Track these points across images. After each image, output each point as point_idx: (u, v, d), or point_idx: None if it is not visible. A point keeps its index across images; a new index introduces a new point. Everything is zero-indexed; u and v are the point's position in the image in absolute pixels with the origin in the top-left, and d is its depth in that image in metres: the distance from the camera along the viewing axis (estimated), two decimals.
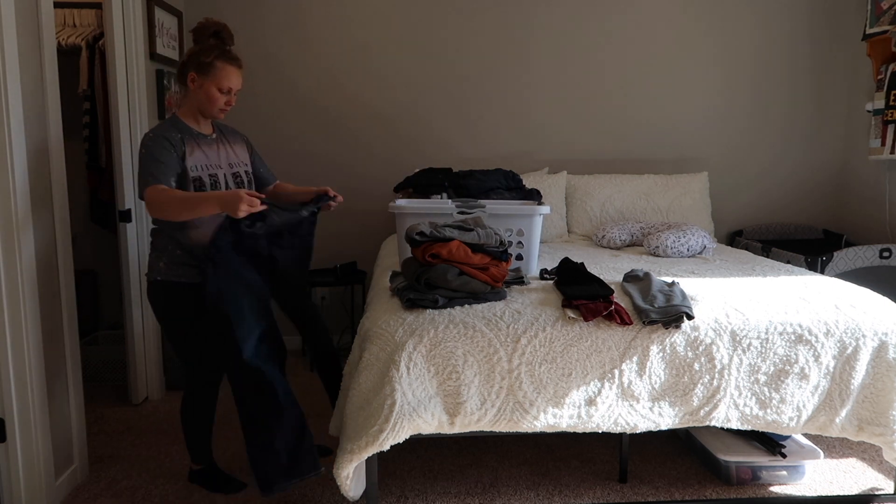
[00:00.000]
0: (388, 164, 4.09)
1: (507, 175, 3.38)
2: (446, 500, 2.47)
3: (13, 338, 2.23)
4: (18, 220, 2.22)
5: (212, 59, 2.25)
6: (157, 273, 2.29)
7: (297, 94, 4.00)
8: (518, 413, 2.10)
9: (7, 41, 2.15)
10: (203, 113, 2.33)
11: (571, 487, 2.55)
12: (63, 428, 2.52)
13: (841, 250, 3.40)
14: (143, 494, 2.49)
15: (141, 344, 3.34)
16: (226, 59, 2.27)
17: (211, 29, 2.29)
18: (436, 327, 2.08)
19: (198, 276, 2.27)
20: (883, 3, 3.57)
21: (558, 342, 2.10)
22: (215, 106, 2.29)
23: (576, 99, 4.11)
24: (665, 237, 3.21)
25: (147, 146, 2.20)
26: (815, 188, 4.28)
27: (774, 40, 4.12)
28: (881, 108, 3.58)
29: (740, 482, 2.57)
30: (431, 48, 4.02)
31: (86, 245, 4.10)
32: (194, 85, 2.28)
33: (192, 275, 2.28)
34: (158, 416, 3.20)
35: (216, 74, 2.26)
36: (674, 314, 2.12)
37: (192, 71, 2.27)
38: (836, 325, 2.19)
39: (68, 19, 3.78)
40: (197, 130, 2.34)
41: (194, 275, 2.28)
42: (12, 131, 2.18)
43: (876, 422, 2.21)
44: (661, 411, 2.16)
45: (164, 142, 2.21)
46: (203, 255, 2.23)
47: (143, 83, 3.29)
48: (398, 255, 2.66)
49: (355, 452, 2.03)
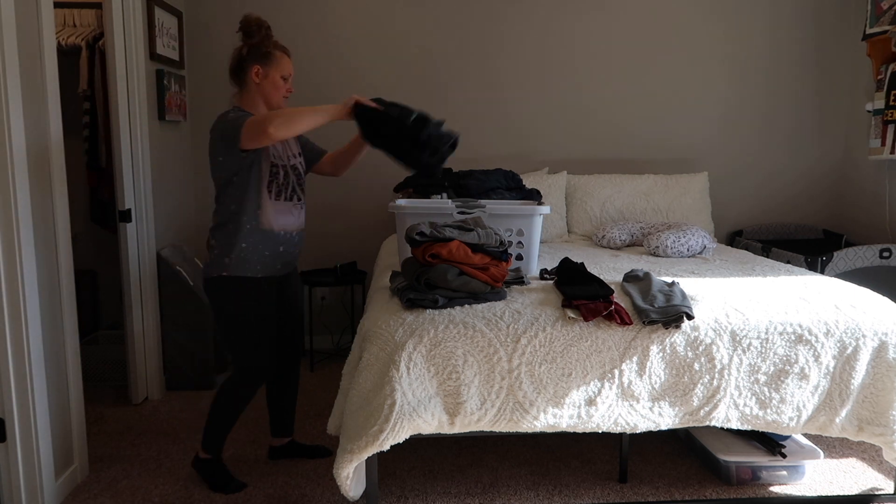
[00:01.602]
0: (387, 164, 4.07)
1: (507, 175, 3.38)
2: (446, 500, 2.47)
3: (13, 338, 2.23)
4: (18, 220, 2.22)
5: (272, 49, 2.36)
6: (223, 268, 2.34)
7: (296, 94, 4.00)
8: (518, 413, 2.10)
9: (7, 41, 2.15)
10: (269, 103, 2.41)
11: (571, 487, 2.55)
12: (63, 428, 2.52)
13: (841, 250, 3.40)
14: (143, 494, 2.49)
15: (141, 344, 3.34)
16: (281, 49, 2.39)
17: (259, 22, 2.37)
18: (436, 327, 2.08)
19: (261, 270, 2.37)
20: (883, 3, 3.57)
21: (558, 342, 2.10)
22: (279, 93, 2.40)
23: (576, 99, 4.11)
24: (665, 237, 3.21)
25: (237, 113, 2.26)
26: (815, 188, 4.28)
27: (774, 40, 4.12)
28: (881, 108, 3.58)
29: (740, 482, 2.57)
30: (431, 48, 4.01)
31: (86, 245, 4.10)
32: (259, 77, 2.36)
33: (257, 269, 2.37)
34: (158, 416, 3.20)
35: (278, 63, 2.37)
36: (674, 314, 2.12)
37: (256, 64, 2.35)
38: (836, 325, 2.19)
39: (68, 19, 3.78)
40: None
41: (258, 269, 2.37)
42: (12, 131, 2.18)
43: (876, 422, 2.21)
44: (661, 411, 2.16)
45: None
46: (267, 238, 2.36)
47: (143, 83, 3.29)
48: (398, 255, 2.66)
49: (355, 452, 2.03)
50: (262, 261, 2.38)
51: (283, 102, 2.43)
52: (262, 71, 2.36)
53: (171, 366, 3.52)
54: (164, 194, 3.60)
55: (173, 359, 3.51)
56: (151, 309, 3.38)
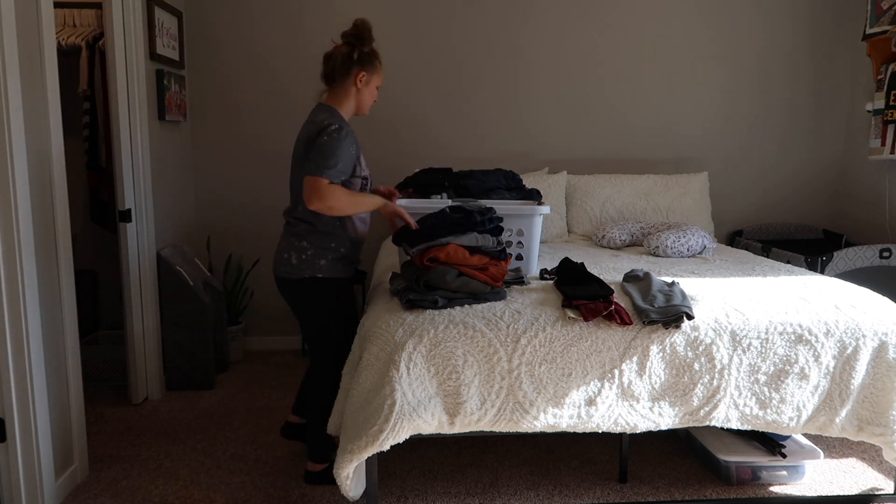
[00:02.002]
0: (387, 164, 4.09)
1: (507, 175, 3.37)
2: (446, 500, 2.47)
3: (13, 338, 2.23)
4: (18, 220, 2.22)
5: (375, 59, 2.44)
6: (318, 270, 2.38)
7: (296, 95, 4.00)
8: (518, 413, 2.10)
9: (7, 41, 2.15)
10: (361, 110, 2.48)
11: (571, 487, 2.55)
12: (63, 428, 2.52)
13: (841, 250, 3.40)
14: (143, 494, 2.49)
15: (141, 344, 3.34)
16: (379, 59, 2.46)
17: (370, 29, 2.42)
18: (436, 327, 2.08)
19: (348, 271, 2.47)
20: (883, 3, 3.57)
21: (558, 342, 2.10)
22: (372, 101, 2.48)
23: (576, 99, 4.11)
24: (665, 237, 3.21)
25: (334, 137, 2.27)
26: (815, 188, 4.28)
27: (775, 40, 4.12)
28: (881, 108, 3.58)
29: (740, 482, 2.57)
30: (430, 48, 4.01)
31: (86, 245, 4.10)
32: (362, 83, 2.41)
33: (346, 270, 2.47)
34: (158, 416, 3.20)
35: (378, 73, 2.46)
36: (674, 314, 2.12)
37: (363, 70, 2.39)
38: (836, 325, 2.19)
39: (68, 19, 3.78)
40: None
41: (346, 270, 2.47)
42: (13, 131, 2.18)
43: (876, 422, 2.21)
44: (661, 411, 2.16)
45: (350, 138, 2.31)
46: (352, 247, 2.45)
47: (143, 83, 3.29)
48: (398, 255, 2.66)
49: (355, 452, 2.03)
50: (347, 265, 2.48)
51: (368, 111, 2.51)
52: (365, 77, 2.40)
53: (171, 366, 3.52)
54: (164, 194, 3.60)
55: (173, 359, 3.51)
56: (151, 309, 3.38)
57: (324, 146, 2.25)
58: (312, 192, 2.23)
